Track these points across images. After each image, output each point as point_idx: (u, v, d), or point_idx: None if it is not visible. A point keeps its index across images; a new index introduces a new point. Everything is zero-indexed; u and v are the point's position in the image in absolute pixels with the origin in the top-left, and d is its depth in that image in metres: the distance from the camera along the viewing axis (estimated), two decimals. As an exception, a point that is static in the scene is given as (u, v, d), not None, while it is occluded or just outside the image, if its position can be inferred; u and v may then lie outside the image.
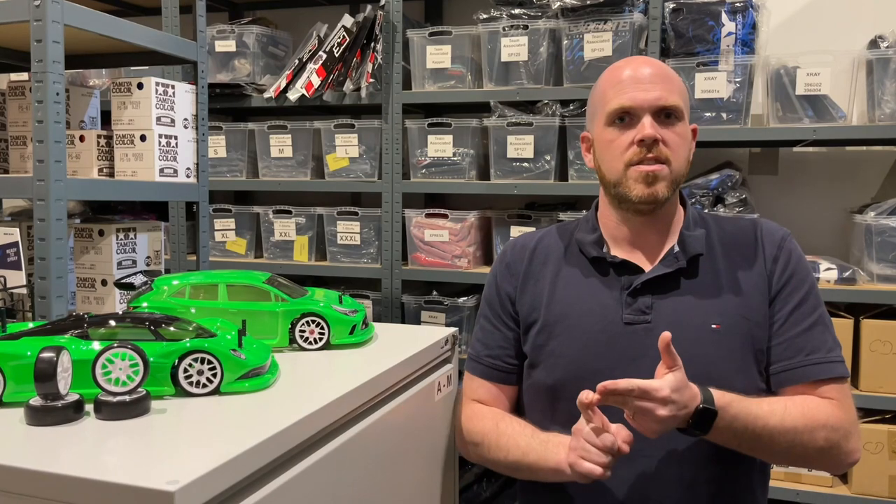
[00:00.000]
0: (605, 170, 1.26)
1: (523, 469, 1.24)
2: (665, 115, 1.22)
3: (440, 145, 2.38)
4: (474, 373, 1.37)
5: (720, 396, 1.10)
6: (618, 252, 1.28)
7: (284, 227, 2.60)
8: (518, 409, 1.37)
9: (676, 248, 1.25)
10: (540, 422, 1.25)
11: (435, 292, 2.44)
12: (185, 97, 1.65)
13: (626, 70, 1.24)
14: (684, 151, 1.24)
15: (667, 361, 1.07)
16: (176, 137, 1.62)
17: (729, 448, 1.15)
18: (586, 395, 1.06)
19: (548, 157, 2.27)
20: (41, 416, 0.82)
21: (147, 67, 2.06)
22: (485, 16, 2.30)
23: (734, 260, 1.26)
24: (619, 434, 1.09)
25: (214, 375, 0.94)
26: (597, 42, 2.17)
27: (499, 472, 1.32)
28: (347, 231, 2.53)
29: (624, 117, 1.22)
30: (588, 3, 2.14)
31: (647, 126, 1.19)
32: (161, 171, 1.58)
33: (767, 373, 1.23)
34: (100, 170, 1.57)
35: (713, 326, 1.20)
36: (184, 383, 0.94)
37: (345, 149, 2.50)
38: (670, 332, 1.17)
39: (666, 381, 1.05)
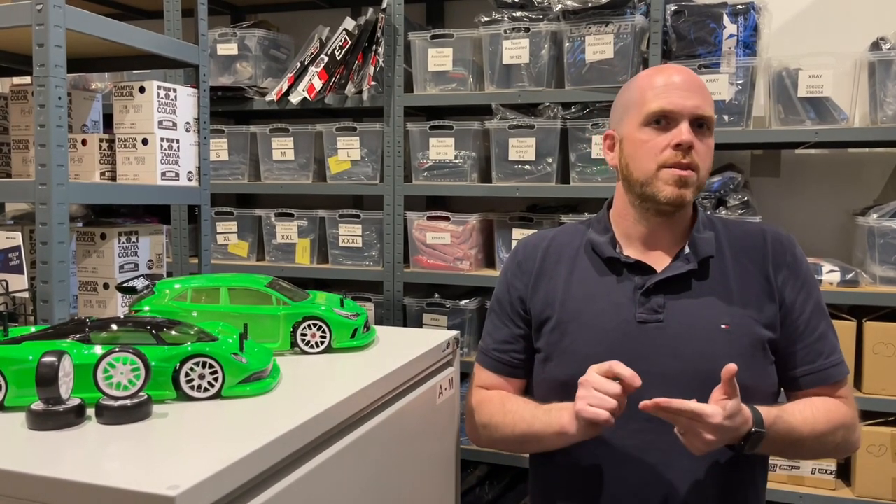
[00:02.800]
0: (634, 168, 1.28)
1: (530, 440, 1.28)
2: (699, 124, 1.25)
3: (442, 148, 2.38)
4: (483, 364, 1.41)
5: (766, 414, 1.15)
6: (631, 252, 1.31)
7: (286, 230, 2.61)
8: None
9: (687, 250, 1.29)
10: None
11: (437, 295, 2.44)
12: (186, 101, 1.65)
13: (665, 75, 1.27)
14: (709, 162, 1.28)
15: (725, 390, 1.09)
16: (178, 141, 1.62)
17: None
18: (642, 403, 1.08)
19: (549, 160, 2.27)
20: (43, 421, 0.83)
21: (149, 71, 2.07)
22: (486, 18, 2.30)
23: (742, 262, 1.30)
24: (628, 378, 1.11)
25: (216, 379, 0.95)
26: (598, 44, 2.17)
27: (508, 450, 1.38)
28: (349, 234, 2.53)
29: (661, 120, 1.25)
30: (589, 5, 2.14)
31: (684, 132, 1.23)
32: (163, 174, 1.58)
33: (788, 375, 1.28)
34: (102, 173, 1.58)
35: (723, 326, 1.24)
36: (185, 387, 0.94)
37: (346, 151, 2.50)
38: (683, 331, 1.24)
39: (721, 408, 1.08)
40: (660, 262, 1.30)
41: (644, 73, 1.32)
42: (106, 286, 1.53)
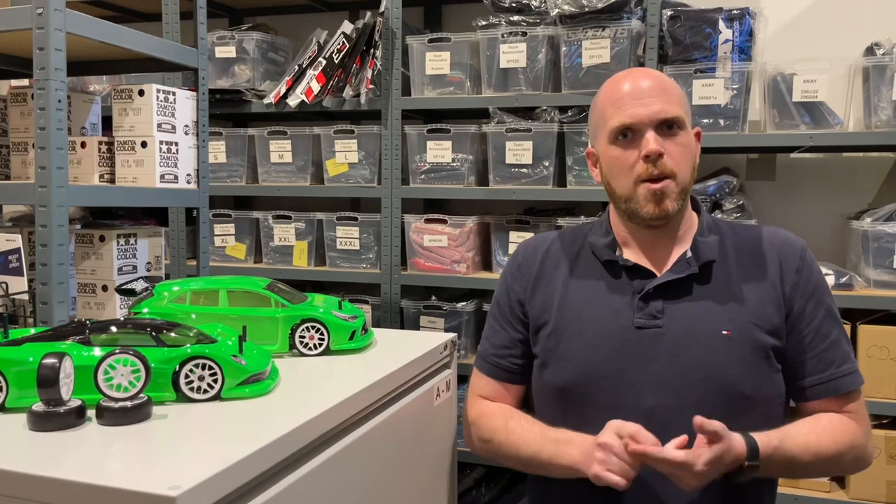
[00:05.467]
0: (615, 186, 1.26)
1: (535, 466, 1.26)
2: (667, 126, 1.21)
3: (439, 151, 2.39)
4: (481, 370, 1.38)
5: (765, 445, 1.13)
6: (630, 256, 1.29)
7: (284, 233, 2.61)
8: (524, 407, 1.38)
9: (689, 254, 1.25)
10: (550, 422, 1.26)
11: (434, 297, 2.45)
12: (185, 104, 1.66)
13: (624, 85, 1.24)
14: (689, 160, 1.24)
15: (707, 438, 1.08)
16: (176, 144, 1.63)
17: None
18: (630, 447, 1.09)
19: (546, 163, 2.28)
20: (44, 422, 0.83)
21: (148, 74, 2.07)
22: (484, 22, 2.31)
23: (747, 267, 1.26)
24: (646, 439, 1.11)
25: (215, 381, 0.95)
26: (595, 49, 2.18)
27: (508, 467, 1.35)
28: (347, 236, 2.53)
29: (626, 133, 1.22)
30: (586, 10, 2.15)
31: (650, 141, 1.19)
32: (162, 177, 1.59)
33: (797, 385, 1.25)
34: (101, 176, 1.58)
35: (724, 333, 1.20)
36: (185, 389, 0.94)
37: (344, 154, 2.51)
38: (682, 337, 1.21)
39: (702, 455, 1.07)
40: (660, 265, 1.27)
41: (604, 86, 1.29)
42: (105, 288, 1.54)
